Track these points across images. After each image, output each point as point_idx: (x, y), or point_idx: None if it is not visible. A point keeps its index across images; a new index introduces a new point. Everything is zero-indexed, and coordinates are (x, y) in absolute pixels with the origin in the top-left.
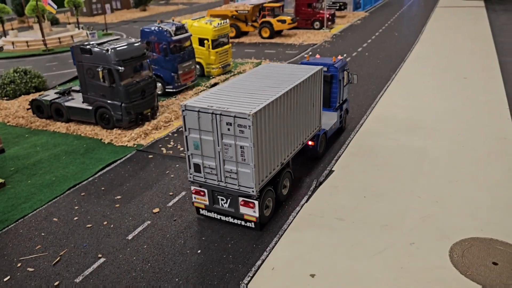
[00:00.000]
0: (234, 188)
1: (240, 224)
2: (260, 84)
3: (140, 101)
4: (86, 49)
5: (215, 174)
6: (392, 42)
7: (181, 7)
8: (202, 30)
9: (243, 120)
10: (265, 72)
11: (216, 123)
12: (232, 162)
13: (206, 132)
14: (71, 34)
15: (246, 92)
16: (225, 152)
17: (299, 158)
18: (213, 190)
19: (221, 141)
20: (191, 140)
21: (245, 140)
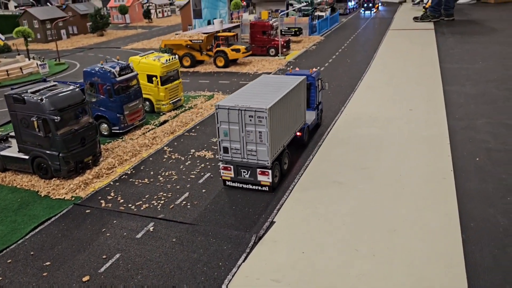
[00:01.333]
0: (254, 162)
1: (256, 190)
2: (264, 89)
3: (79, 149)
4: (19, 98)
5: (240, 154)
6: (344, 69)
7: (140, 31)
8: (151, 67)
9: (262, 113)
10: (265, 81)
11: (241, 116)
12: (252, 143)
13: (233, 123)
14: (20, 66)
15: (257, 95)
16: (247, 137)
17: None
18: (237, 165)
19: (244, 129)
20: (222, 130)
21: (262, 127)
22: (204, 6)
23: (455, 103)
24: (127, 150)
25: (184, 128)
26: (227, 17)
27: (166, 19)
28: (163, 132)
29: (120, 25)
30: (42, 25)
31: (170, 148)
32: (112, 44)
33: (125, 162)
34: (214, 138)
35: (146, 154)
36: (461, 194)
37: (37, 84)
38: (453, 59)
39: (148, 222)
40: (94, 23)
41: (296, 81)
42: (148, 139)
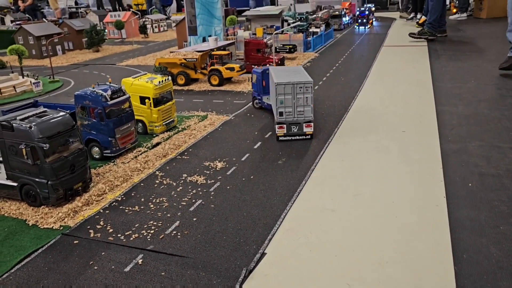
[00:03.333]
0: (301, 119)
1: (303, 139)
2: (290, 72)
3: (69, 177)
4: (8, 125)
5: (291, 114)
6: (338, 88)
7: (136, 47)
8: (143, 89)
9: (308, 84)
10: (282, 69)
11: (294, 88)
12: (301, 106)
13: (288, 94)
14: (14, 84)
15: (290, 75)
16: (298, 101)
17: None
18: (289, 123)
19: (296, 96)
20: (279, 100)
21: (308, 93)
22: (199, 23)
23: (447, 125)
24: (118, 175)
25: (177, 151)
26: (222, 34)
27: (162, 34)
28: (155, 156)
29: (116, 40)
30: (37, 41)
31: (162, 172)
32: (108, 61)
33: (116, 188)
34: (206, 162)
35: (138, 179)
36: (454, 222)
37: (27, 110)
38: (445, 78)
39: (137, 253)
40: (90, 39)
41: (301, 69)
42: (140, 163)
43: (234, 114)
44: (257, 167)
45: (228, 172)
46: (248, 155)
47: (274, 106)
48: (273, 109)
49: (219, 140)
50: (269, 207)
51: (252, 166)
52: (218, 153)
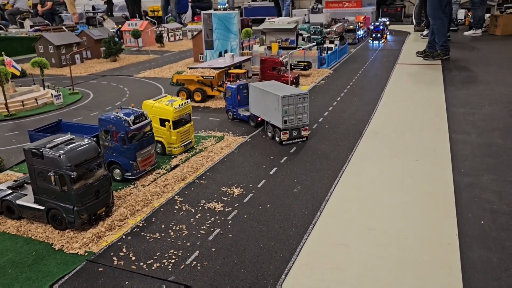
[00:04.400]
0: (300, 124)
1: (299, 141)
2: (277, 86)
3: (93, 202)
4: (37, 153)
5: (293, 121)
6: (352, 111)
7: (152, 57)
8: (163, 112)
9: (306, 95)
10: (267, 84)
11: (295, 100)
12: (300, 114)
13: (290, 105)
14: (35, 96)
15: (284, 89)
16: (298, 110)
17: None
18: (291, 129)
19: (296, 106)
20: (284, 110)
21: (306, 103)
22: (216, 37)
23: (460, 155)
24: (139, 199)
25: (195, 174)
26: (238, 49)
27: (178, 43)
28: (174, 179)
29: (132, 49)
30: (57, 50)
31: (180, 197)
32: (125, 71)
33: (137, 212)
34: (223, 187)
35: (158, 204)
36: (466, 263)
37: (55, 136)
38: (459, 102)
39: (159, 284)
40: (108, 48)
41: (277, 82)
42: (160, 187)
43: (250, 135)
44: (273, 195)
45: (245, 199)
46: (264, 182)
47: (269, 116)
48: (265, 118)
49: (236, 164)
50: (285, 239)
51: (268, 193)
52: (235, 178)
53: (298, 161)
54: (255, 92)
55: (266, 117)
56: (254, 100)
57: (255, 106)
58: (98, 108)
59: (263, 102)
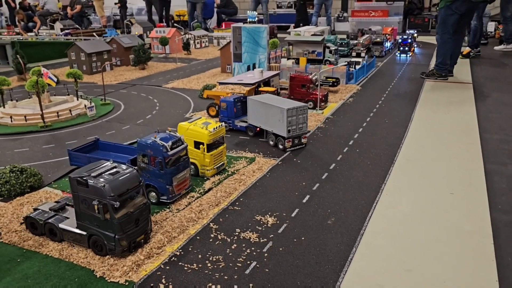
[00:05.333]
0: (301, 132)
1: (300, 148)
2: (275, 99)
3: (133, 230)
4: (82, 182)
5: (295, 130)
6: (383, 134)
7: (179, 65)
8: (198, 135)
9: (305, 107)
10: (265, 97)
11: (297, 111)
12: (300, 123)
13: (293, 116)
14: (70, 107)
15: (284, 101)
16: (299, 120)
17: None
18: (293, 138)
19: (298, 116)
20: (289, 121)
21: (305, 114)
22: (245, 50)
23: (497, 188)
24: (175, 225)
25: (229, 199)
26: (266, 63)
27: (204, 50)
28: (208, 204)
29: (159, 55)
30: (88, 58)
31: (215, 225)
32: (153, 81)
33: (174, 239)
34: (257, 216)
35: (193, 231)
36: None
37: (98, 164)
38: (492, 127)
39: None
40: (137, 57)
41: (273, 95)
42: (195, 213)
43: (281, 158)
44: (307, 226)
45: (280, 230)
46: (298, 211)
47: (272, 126)
48: (267, 128)
49: (268, 190)
50: (322, 277)
51: (302, 224)
52: (268, 206)
53: (331, 189)
54: (254, 105)
55: (268, 127)
56: (253, 112)
57: (254, 118)
58: (130, 121)
59: (265, 114)
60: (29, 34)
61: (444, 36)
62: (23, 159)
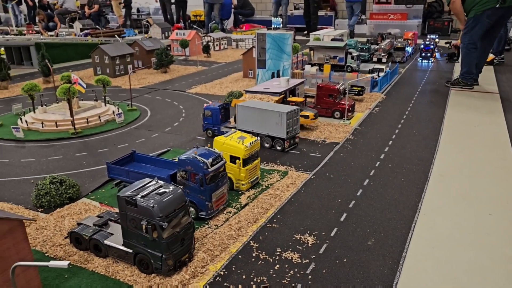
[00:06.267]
0: (295, 133)
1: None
2: (269, 104)
3: (179, 249)
4: (131, 202)
5: (291, 132)
6: (413, 147)
7: (200, 69)
8: (234, 149)
9: (297, 110)
10: (257, 103)
11: (293, 114)
12: (295, 125)
13: (290, 119)
14: (99, 114)
15: (277, 106)
16: (294, 122)
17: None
18: (289, 138)
19: (293, 119)
20: (287, 124)
21: (298, 116)
22: (269, 57)
23: None
24: (216, 243)
25: (266, 215)
26: (290, 70)
27: (223, 52)
28: (246, 221)
29: (179, 58)
30: (112, 61)
31: (256, 243)
32: (176, 85)
33: (216, 258)
34: (296, 234)
35: (235, 249)
36: None
37: (144, 182)
38: None
39: None
40: (159, 60)
41: (266, 102)
42: (234, 230)
43: (314, 172)
44: (347, 247)
45: (320, 250)
46: (337, 230)
47: (268, 130)
48: (261, 132)
49: (304, 206)
50: None
51: (342, 244)
52: (306, 224)
53: (367, 207)
54: (245, 111)
55: (263, 131)
56: (244, 118)
57: (245, 123)
58: (158, 129)
59: (259, 119)
60: (49, 34)
61: (470, 46)
62: (58, 168)
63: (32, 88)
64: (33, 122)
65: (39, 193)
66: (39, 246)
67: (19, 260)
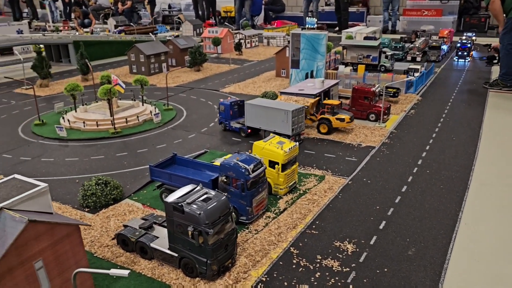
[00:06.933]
0: (300, 130)
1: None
2: (275, 102)
3: (223, 255)
4: (178, 208)
5: (296, 129)
6: (452, 153)
7: (233, 67)
8: (273, 154)
9: (303, 108)
10: (264, 101)
11: (298, 112)
12: (300, 122)
13: (295, 116)
14: (137, 113)
15: (283, 104)
16: (299, 119)
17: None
18: (295, 135)
19: (298, 117)
20: (293, 121)
21: (302, 114)
22: (303, 57)
23: None
24: (257, 248)
25: (304, 221)
26: (324, 70)
27: (255, 50)
28: (286, 226)
29: (211, 55)
30: (147, 60)
31: (296, 249)
32: (210, 84)
33: (257, 264)
34: (336, 242)
35: (275, 255)
36: None
37: (189, 189)
38: None
39: None
40: (193, 59)
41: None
42: (274, 235)
43: (351, 177)
44: (388, 256)
45: (360, 258)
46: (376, 238)
47: (274, 126)
48: (268, 129)
49: (343, 212)
50: None
51: (382, 254)
52: (345, 231)
53: (406, 215)
54: (253, 109)
55: (270, 127)
56: (251, 115)
57: (253, 120)
58: (194, 129)
59: (266, 116)
60: (85, 30)
61: (509, 46)
62: (101, 168)
63: (74, 88)
64: (75, 121)
65: (86, 194)
66: (88, 246)
67: (75, 263)
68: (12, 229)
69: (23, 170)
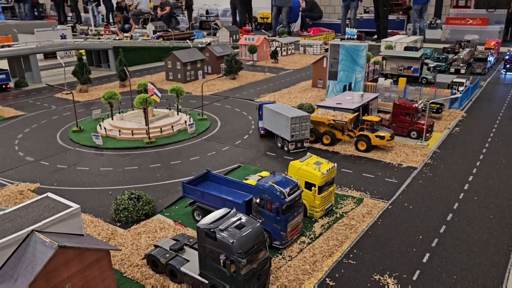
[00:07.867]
0: (303, 138)
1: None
2: (285, 108)
3: (255, 285)
4: (211, 235)
5: (298, 136)
6: (501, 177)
7: (268, 76)
8: (310, 176)
9: (307, 116)
10: (277, 106)
11: (300, 120)
12: (303, 130)
13: (297, 123)
14: (172, 123)
15: (290, 110)
16: (302, 127)
17: None
18: (296, 141)
19: (301, 124)
20: (292, 128)
21: (308, 122)
22: (341, 68)
23: None
24: (291, 277)
25: (341, 249)
26: (363, 82)
27: (291, 58)
28: (321, 254)
29: (247, 63)
30: (183, 67)
31: (332, 281)
32: (245, 93)
33: None
34: (375, 275)
35: (311, 286)
36: None
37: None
38: None
39: None
40: (229, 67)
41: (285, 105)
42: (309, 264)
43: (391, 201)
44: None
45: None
46: (419, 273)
47: (280, 131)
48: (276, 133)
49: (382, 241)
50: None
51: None
52: (386, 262)
53: (452, 248)
54: (268, 112)
55: (277, 131)
56: (267, 118)
57: (268, 123)
58: (228, 141)
59: (275, 120)
60: (125, 35)
61: None
62: (134, 179)
63: (111, 97)
64: (111, 129)
65: (118, 208)
66: (117, 265)
67: None
68: (42, 254)
69: (59, 178)
